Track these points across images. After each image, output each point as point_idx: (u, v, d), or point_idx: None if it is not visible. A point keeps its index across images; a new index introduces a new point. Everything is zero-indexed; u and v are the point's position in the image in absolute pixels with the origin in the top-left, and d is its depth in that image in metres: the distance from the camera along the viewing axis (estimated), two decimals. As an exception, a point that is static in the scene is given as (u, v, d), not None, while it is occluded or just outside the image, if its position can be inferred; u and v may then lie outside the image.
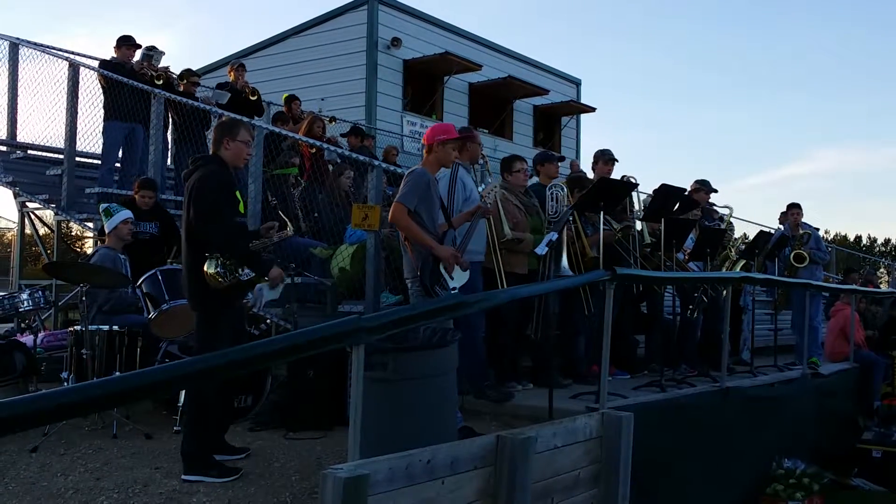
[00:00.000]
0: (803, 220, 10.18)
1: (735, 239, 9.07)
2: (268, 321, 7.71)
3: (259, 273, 5.03)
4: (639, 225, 7.96)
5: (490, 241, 6.56)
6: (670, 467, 5.88)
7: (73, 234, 21.93)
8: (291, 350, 3.44)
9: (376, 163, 7.71)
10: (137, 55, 9.93)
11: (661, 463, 5.73)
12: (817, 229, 10.53)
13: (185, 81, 10.47)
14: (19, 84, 10.44)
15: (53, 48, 10.56)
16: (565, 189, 7.06)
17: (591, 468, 4.94)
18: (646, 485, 5.34)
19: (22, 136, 10.52)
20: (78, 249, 17.47)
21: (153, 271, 6.16)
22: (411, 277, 5.63)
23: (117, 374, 5.86)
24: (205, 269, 4.82)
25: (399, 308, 5.74)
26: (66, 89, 9.54)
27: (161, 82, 9.70)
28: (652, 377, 7.07)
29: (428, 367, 4.48)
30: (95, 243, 8.32)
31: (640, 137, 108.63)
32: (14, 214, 10.87)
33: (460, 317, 5.90)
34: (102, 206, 7.32)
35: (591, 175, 8.26)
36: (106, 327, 6.26)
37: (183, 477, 4.76)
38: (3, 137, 10.43)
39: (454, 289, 5.48)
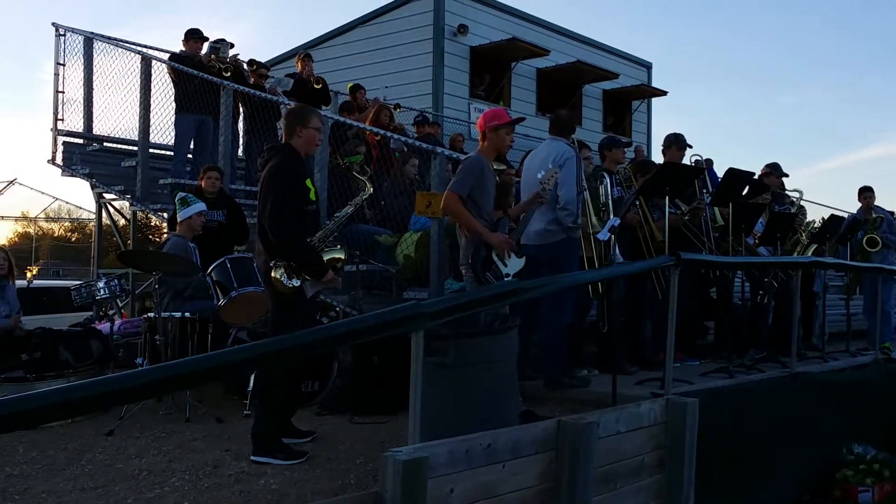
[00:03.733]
0: (876, 203, 9.93)
1: (807, 223, 8.85)
2: (337, 309, 7.83)
3: (314, 278, 5.11)
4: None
5: None
6: (737, 453, 5.81)
7: (151, 224, 22.53)
8: (352, 335, 3.51)
9: (439, 150, 7.74)
10: (205, 48, 10.12)
11: (728, 448, 5.66)
12: (891, 213, 10.23)
13: (254, 68, 10.64)
14: (94, 78, 10.71)
15: (126, 42, 10.81)
16: (608, 177, 6.96)
17: (655, 454, 4.91)
18: (711, 470, 5.28)
19: (97, 129, 10.80)
20: (158, 239, 17.85)
21: (222, 259, 6.28)
22: (465, 264, 5.66)
23: (189, 359, 6.01)
24: (272, 274, 5.03)
25: (458, 294, 5.77)
26: (138, 83, 9.78)
27: (229, 74, 9.86)
28: (720, 363, 6.97)
29: (488, 353, 4.51)
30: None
31: (713, 120, 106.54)
32: (93, 206, 11.20)
33: (550, 301, 5.94)
34: (180, 194, 7.45)
35: (662, 159, 8.11)
36: (178, 314, 6.44)
37: (251, 457, 4.88)
38: (80, 130, 10.74)
39: (507, 275, 5.48)
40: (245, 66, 10.56)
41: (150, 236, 23.31)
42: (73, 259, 37.46)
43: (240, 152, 10.53)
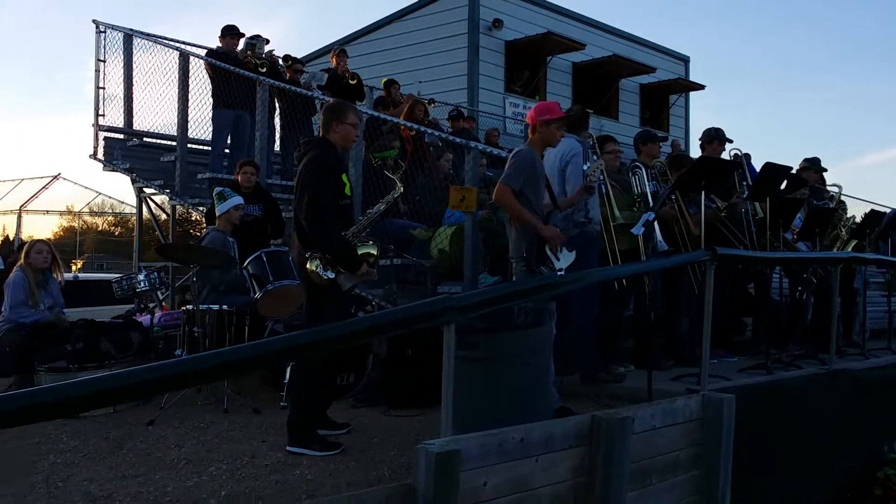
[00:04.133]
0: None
1: (846, 218, 8.74)
2: (373, 303, 7.87)
3: (348, 271, 5.13)
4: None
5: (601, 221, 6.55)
6: (774, 450, 5.75)
7: (192, 218, 22.71)
8: (385, 327, 3.54)
9: (473, 145, 7.73)
10: (241, 44, 10.21)
11: (765, 445, 5.61)
12: (932, 208, 10.05)
13: (289, 64, 10.71)
14: (134, 74, 10.84)
15: (164, 38, 10.95)
16: (642, 169, 6.93)
17: (690, 450, 4.88)
18: (748, 467, 5.24)
19: (137, 125, 10.95)
20: (198, 233, 18.02)
21: (258, 253, 6.34)
22: (516, 257, 5.65)
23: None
24: (307, 266, 5.05)
25: (488, 288, 5.77)
26: (177, 78, 9.90)
27: (265, 69, 9.94)
28: (758, 359, 6.92)
29: (520, 347, 4.52)
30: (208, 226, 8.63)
31: (753, 114, 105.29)
32: (135, 200, 11.35)
33: (576, 297, 5.93)
34: (217, 189, 7.54)
35: (701, 154, 8.02)
36: (216, 307, 6.53)
37: (287, 448, 4.93)
38: (121, 125, 10.89)
39: (560, 270, 5.46)
40: (280, 61, 10.64)
41: (191, 230, 23.52)
42: (117, 252, 37.96)
43: (276, 147, 10.61)
